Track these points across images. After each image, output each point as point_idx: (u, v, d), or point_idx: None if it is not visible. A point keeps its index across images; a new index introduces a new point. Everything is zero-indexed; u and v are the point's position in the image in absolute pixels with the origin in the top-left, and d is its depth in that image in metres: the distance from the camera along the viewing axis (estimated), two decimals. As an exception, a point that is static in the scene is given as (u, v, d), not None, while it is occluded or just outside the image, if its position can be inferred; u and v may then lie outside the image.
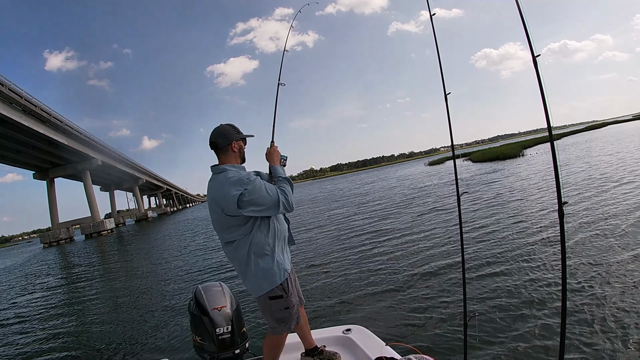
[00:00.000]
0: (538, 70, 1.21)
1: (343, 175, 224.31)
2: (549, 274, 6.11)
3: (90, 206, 58.09)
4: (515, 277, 6.27)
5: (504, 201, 13.93)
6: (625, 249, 6.60)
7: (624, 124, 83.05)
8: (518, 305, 5.24)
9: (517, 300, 5.38)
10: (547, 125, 1.22)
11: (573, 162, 22.04)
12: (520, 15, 1.25)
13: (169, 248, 21.28)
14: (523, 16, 1.23)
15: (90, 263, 21.92)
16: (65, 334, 8.03)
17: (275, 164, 2.88)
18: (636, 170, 15.00)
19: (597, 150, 29.08)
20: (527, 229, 9.28)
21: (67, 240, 53.84)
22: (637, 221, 8.05)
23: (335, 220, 18.42)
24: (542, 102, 1.21)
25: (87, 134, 55.07)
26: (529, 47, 1.26)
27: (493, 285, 6.10)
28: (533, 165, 26.92)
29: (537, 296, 5.39)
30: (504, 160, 37.22)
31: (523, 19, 1.24)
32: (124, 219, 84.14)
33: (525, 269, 6.57)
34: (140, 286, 11.87)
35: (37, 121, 42.14)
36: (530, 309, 5.05)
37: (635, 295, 4.84)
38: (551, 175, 12.82)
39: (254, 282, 2.64)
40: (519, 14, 1.25)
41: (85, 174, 58.15)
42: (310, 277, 8.68)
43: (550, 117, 1.22)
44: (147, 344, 6.58)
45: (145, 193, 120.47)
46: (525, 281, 6.02)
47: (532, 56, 1.25)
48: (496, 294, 5.72)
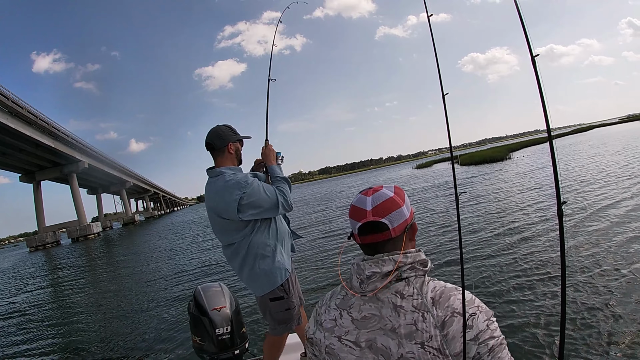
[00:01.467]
0: (537, 70, 1.23)
1: (332, 178, 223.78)
2: (549, 275, 6.16)
3: (77, 209, 57.25)
4: (513, 277, 6.35)
5: (496, 203, 14.06)
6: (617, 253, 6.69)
7: (611, 127, 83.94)
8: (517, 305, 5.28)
9: (516, 301, 5.42)
10: (546, 126, 1.24)
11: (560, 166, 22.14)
12: (519, 14, 1.27)
13: (158, 251, 21.13)
14: (521, 15, 1.26)
15: (80, 267, 21.65)
16: (63, 337, 7.96)
17: (273, 164, 2.85)
18: (617, 172, 15.24)
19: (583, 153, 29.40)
20: (523, 229, 9.39)
21: (54, 244, 52.93)
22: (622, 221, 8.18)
23: (334, 220, 18.46)
24: (540, 102, 1.23)
25: (74, 137, 54.32)
26: (527, 47, 1.28)
27: (492, 288, 6.13)
28: (520, 167, 27.19)
29: (536, 296, 5.44)
30: (491, 164, 37.46)
31: (521, 18, 1.27)
32: (111, 223, 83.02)
33: (524, 269, 6.65)
34: (133, 289, 11.77)
35: (23, 123, 41.44)
36: (529, 308, 5.09)
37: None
38: (540, 176, 12.88)
39: (255, 283, 2.63)
40: (517, 13, 1.27)
41: (72, 177, 57.31)
42: (310, 277, 8.69)
43: (549, 117, 1.24)
44: (146, 345, 6.55)
45: (132, 196, 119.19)
46: (523, 281, 6.09)
47: (530, 56, 1.27)
48: (495, 297, 5.76)
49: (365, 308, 1.07)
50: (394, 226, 1.09)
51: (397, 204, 1.12)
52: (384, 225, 1.09)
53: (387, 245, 1.11)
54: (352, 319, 1.09)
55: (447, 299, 1.01)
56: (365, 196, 1.14)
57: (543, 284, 5.86)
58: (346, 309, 1.11)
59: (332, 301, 1.18)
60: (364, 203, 1.13)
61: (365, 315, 1.07)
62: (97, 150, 64.75)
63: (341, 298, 1.16)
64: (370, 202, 1.12)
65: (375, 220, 1.10)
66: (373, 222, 1.10)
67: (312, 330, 1.19)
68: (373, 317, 1.05)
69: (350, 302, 1.12)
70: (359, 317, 1.07)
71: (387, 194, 1.13)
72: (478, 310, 0.99)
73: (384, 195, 1.13)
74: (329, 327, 1.12)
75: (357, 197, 1.17)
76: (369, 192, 1.15)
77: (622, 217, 8.71)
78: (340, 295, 1.17)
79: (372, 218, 1.10)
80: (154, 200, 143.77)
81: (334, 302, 1.17)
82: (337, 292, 1.20)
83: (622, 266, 5.89)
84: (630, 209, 9.29)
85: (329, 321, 1.13)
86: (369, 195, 1.14)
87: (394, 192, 1.14)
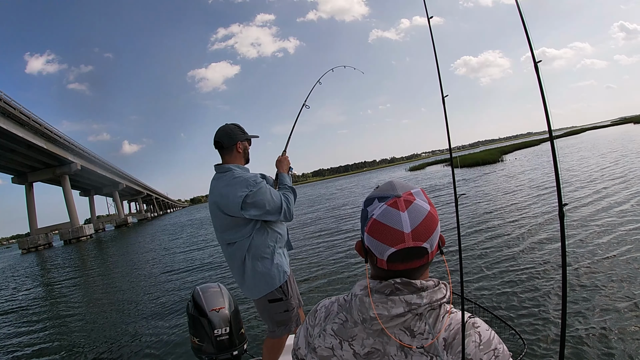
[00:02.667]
0: (539, 76, 1.25)
1: (325, 180, 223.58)
2: (549, 276, 6.18)
3: (69, 211, 56.85)
4: (514, 278, 6.36)
5: (490, 204, 14.12)
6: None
7: (602, 130, 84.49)
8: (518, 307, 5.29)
9: (516, 303, 5.42)
10: (548, 127, 1.25)
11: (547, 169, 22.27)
12: (522, 19, 1.28)
13: (153, 252, 21.05)
14: (524, 20, 1.27)
15: (74, 269, 21.39)
16: (59, 340, 7.85)
17: (284, 172, 2.91)
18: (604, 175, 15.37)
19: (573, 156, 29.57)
20: (519, 230, 9.44)
21: (46, 246, 52.49)
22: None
23: (333, 221, 18.47)
24: (542, 103, 1.24)
25: (67, 138, 53.95)
26: (530, 52, 1.29)
27: (491, 290, 6.12)
28: (512, 170, 27.29)
29: (537, 297, 5.45)
30: (483, 166, 37.62)
31: (524, 23, 1.28)
32: (103, 225, 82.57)
33: (524, 270, 6.65)
34: (129, 290, 11.67)
35: (16, 124, 41.14)
36: (530, 311, 5.09)
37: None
38: (532, 178, 12.93)
39: (253, 284, 2.63)
40: (520, 18, 1.28)
41: (64, 179, 56.97)
42: (309, 278, 8.70)
43: (550, 119, 1.25)
44: (145, 346, 6.53)
45: (125, 198, 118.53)
46: (524, 282, 6.10)
47: (533, 62, 1.28)
48: (495, 298, 5.76)
49: (369, 343, 0.91)
50: (433, 249, 0.89)
51: (436, 219, 0.90)
52: (425, 250, 0.87)
53: (420, 269, 0.91)
54: (354, 353, 0.92)
55: (461, 343, 0.86)
56: (397, 210, 0.87)
57: (545, 281, 5.91)
58: (347, 340, 0.94)
59: (327, 324, 0.99)
60: (398, 222, 0.86)
61: (369, 350, 0.91)
62: (90, 152, 64.45)
63: (339, 323, 0.96)
64: (407, 220, 0.86)
65: (416, 246, 0.86)
66: (413, 249, 0.86)
67: (303, 352, 1.03)
68: (376, 353, 0.90)
69: (351, 333, 0.94)
70: (362, 353, 0.92)
71: (424, 208, 0.88)
72: (494, 356, 0.85)
73: (422, 210, 0.88)
74: (325, 356, 0.96)
75: (383, 210, 0.88)
76: (400, 204, 0.88)
77: (621, 217, 8.76)
78: (339, 318, 0.97)
79: (413, 243, 0.85)
80: (147, 202, 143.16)
81: (330, 327, 0.98)
82: (334, 313, 1.00)
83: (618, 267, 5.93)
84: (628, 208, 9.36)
85: (325, 349, 0.96)
86: (402, 209, 0.87)
87: (428, 202, 0.90)
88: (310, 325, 1.05)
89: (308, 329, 1.05)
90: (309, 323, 1.05)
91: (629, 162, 18.14)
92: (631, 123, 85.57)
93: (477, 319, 0.91)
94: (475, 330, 0.88)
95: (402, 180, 0.95)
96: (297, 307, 2.77)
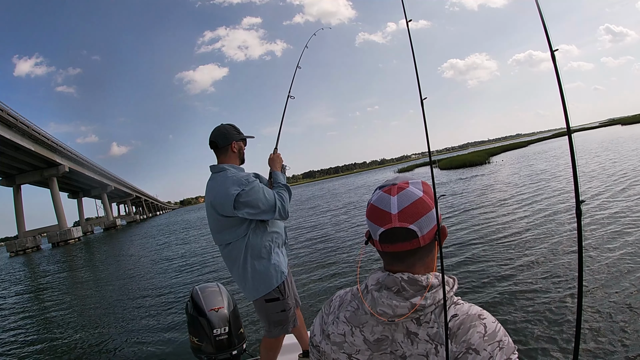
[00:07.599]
0: (556, 65, 1.22)
1: (316, 182, 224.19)
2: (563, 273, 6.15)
3: (58, 214, 56.45)
4: (520, 279, 6.32)
5: (476, 205, 14.18)
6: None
7: (590, 132, 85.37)
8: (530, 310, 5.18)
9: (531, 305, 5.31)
10: (566, 122, 1.22)
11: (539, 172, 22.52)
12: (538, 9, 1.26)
13: (146, 253, 21.08)
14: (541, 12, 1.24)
15: (64, 271, 21.36)
16: (56, 341, 7.77)
17: (277, 170, 2.88)
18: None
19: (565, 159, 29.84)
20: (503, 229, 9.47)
21: (34, 249, 52.10)
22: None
23: (331, 221, 18.49)
24: (560, 97, 1.21)
25: (55, 140, 53.59)
26: (547, 42, 1.26)
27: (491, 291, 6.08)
28: (500, 172, 27.56)
29: (551, 297, 5.37)
30: (470, 167, 37.95)
31: (541, 13, 1.25)
32: (92, 227, 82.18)
33: (523, 270, 6.65)
34: (124, 292, 11.61)
35: (3, 126, 40.78)
36: (543, 314, 4.97)
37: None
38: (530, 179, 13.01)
39: (251, 285, 2.62)
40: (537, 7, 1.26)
41: (52, 181, 56.55)
42: (306, 278, 8.70)
43: (568, 114, 1.22)
44: (144, 346, 6.50)
45: (114, 200, 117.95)
46: (537, 282, 6.02)
47: (550, 50, 1.26)
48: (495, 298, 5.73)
49: (378, 330, 0.95)
50: (423, 234, 0.93)
51: (428, 206, 0.95)
52: (413, 232, 0.93)
53: (415, 254, 0.95)
54: (364, 339, 0.96)
55: (466, 332, 0.88)
56: (389, 195, 0.96)
57: (556, 282, 5.86)
58: (358, 326, 0.98)
59: (341, 312, 1.04)
60: (387, 204, 0.95)
61: (378, 337, 0.95)
62: (78, 154, 64.14)
63: (352, 311, 1.01)
64: (395, 203, 0.94)
65: (402, 227, 0.93)
66: (399, 229, 0.93)
67: (318, 339, 1.07)
68: (385, 340, 0.94)
69: (362, 320, 0.98)
70: (372, 340, 0.96)
71: (415, 194, 0.95)
72: (498, 348, 0.86)
73: (412, 196, 0.94)
74: (338, 342, 1.00)
75: (378, 195, 0.98)
76: (393, 190, 0.96)
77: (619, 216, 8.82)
78: (351, 306, 1.02)
79: (399, 224, 0.93)
80: (136, 205, 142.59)
81: (343, 314, 1.03)
82: (347, 302, 1.06)
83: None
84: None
85: (338, 335, 1.00)
86: (393, 194, 0.96)
87: (422, 191, 0.96)
88: (325, 313, 1.11)
89: (323, 317, 1.10)
90: (324, 311, 1.12)
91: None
92: (619, 124, 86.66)
93: (485, 312, 0.94)
94: (481, 322, 0.90)
95: (411, 176, 1.02)
96: (294, 307, 2.77)
